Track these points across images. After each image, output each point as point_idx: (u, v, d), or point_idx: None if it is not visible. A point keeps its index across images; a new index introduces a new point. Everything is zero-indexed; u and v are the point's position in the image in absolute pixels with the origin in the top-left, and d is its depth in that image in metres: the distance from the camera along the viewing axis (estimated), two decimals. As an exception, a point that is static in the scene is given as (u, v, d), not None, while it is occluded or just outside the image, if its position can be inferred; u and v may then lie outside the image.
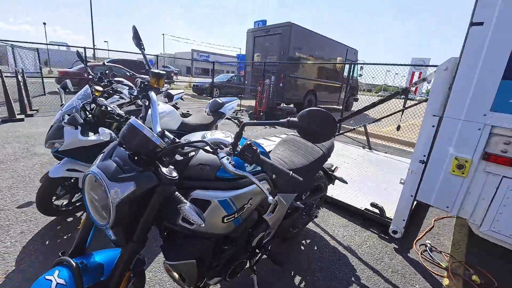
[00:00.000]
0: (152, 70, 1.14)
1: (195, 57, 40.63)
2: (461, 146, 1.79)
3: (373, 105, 2.53)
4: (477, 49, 1.63)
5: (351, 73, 6.59)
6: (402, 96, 2.61)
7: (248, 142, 0.83)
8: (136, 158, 0.85)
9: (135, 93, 1.43)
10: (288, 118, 0.80)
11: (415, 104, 3.54)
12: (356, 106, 12.59)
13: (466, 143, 1.77)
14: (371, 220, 2.54)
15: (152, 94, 1.08)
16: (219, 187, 0.98)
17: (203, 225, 0.77)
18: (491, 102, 1.64)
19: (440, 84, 1.87)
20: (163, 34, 49.07)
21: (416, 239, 2.37)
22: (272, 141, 4.96)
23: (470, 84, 1.69)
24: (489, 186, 1.76)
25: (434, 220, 2.73)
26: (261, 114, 7.78)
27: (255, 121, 0.89)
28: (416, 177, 2.06)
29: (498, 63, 1.58)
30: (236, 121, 3.18)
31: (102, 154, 0.88)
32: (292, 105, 9.88)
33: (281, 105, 9.12)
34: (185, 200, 0.79)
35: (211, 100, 3.11)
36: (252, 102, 9.81)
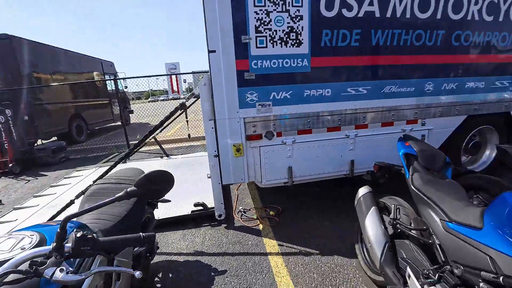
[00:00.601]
0: None
1: None
2: (234, 136, 2.49)
3: (161, 124, 2.74)
4: (219, 68, 2.28)
5: (118, 87, 6.28)
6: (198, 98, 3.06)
7: (78, 235, 0.69)
8: None
9: None
10: (126, 190, 0.76)
11: (190, 105, 4.18)
12: (133, 118, 12.31)
13: (235, 133, 2.49)
14: (200, 217, 2.89)
15: None
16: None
17: None
18: (237, 103, 2.40)
19: (205, 96, 2.42)
20: None
21: (234, 210, 3.06)
22: (51, 193, 3.77)
23: (222, 93, 2.35)
24: (256, 155, 2.63)
25: (236, 190, 3.60)
26: (11, 165, 5.44)
27: (80, 210, 0.72)
28: (216, 169, 2.60)
29: (232, 77, 2.31)
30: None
31: None
32: (55, 138, 7.77)
33: (38, 143, 6.88)
34: None
35: None
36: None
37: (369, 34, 2.52)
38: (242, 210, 3.03)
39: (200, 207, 2.89)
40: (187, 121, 3.59)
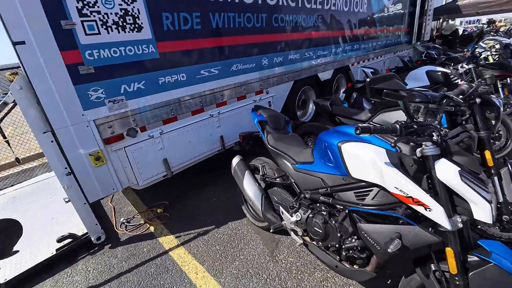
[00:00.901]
0: None
1: None
2: (87, 144, 2.09)
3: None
4: (37, 64, 1.76)
5: None
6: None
7: None
8: None
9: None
10: None
11: (4, 118, 2.95)
12: None
13: (88, 140, 2.09)
14: (72, 251, 2.35)
15: None
16: None
17: None
18: (80, 104, 1.99)
19: (26, 103, 1.84)
20: None
21: (115, 225, 2.68)
22: None
23: (53, 95, 1.86)
24: (123, 157, 2.35)
25: (110, 202, 3.13)
26: None
27: None
28: (75, 188, 2.13)
29: (62, 73, 1.86)
30: None
31: None
32: None
33: None
34: None
35: None
36: None
37: (208, 17, 2.67)
38: (124, 221, 2.71)
39: (68, 240, 2.34)
40: (7, 142, 2.54)
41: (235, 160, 2.21)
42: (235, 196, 2.61)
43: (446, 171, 1.02)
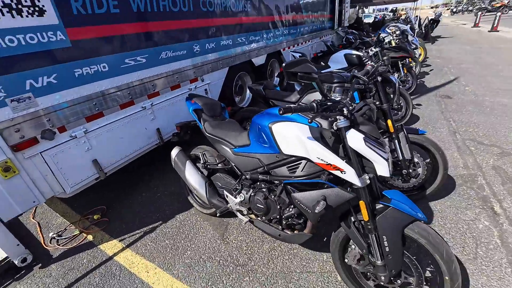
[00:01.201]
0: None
1: None
2: (-12, 153, 1.76)
3: None
4: None
5: None
6: None
7: None
8: None
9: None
10: None
11: None
12: None
13: (-11, 148, 1.76)
14: (-14, 279, 2.00)
15: None
16: None
17: None
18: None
19: None
20: None
21: (43, 241, 2.36)
22: None
23: None
24: (40, 164, 2.04)
25: (32, 218, 2.73)
26: None
27: None
28: (-20, 206, 1.80)
29: None
30: None
31: None
32: None
33: None
34: None
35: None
36: None
37: (127, 0, 2.43)
38: (54, 235, 2.41)
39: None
40: None
41: (174, 152, 2.16)
42: (180, 188, 2.56)
43: (355, 139, 1.23)
